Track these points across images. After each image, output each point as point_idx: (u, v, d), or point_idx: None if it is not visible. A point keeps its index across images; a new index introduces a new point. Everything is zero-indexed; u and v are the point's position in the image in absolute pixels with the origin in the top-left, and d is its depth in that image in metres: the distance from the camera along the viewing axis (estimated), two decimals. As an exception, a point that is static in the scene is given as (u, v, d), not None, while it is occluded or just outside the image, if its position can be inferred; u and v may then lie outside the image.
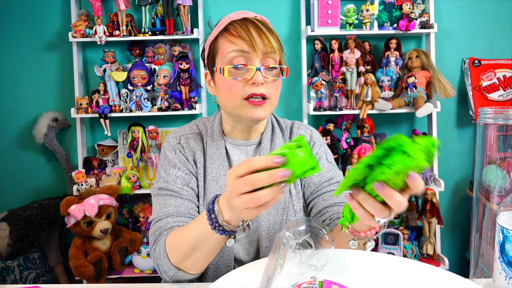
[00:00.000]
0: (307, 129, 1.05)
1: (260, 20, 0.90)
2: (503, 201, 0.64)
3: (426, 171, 2.09)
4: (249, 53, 0.86)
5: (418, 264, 0.71)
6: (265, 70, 0.87)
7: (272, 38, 0.87)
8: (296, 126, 1.04)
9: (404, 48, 2.18)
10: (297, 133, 1.02)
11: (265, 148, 0.97)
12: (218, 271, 0.92)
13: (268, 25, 0.90)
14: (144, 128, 2.12)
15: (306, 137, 1.02)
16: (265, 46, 0.86)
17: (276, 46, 0.88)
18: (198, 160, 0.96)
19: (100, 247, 1.98)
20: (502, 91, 2.19)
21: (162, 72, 2.07)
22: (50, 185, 2.34)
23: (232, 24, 0.88)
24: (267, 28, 0.89)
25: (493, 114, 0.73)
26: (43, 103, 2.28)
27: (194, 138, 0.99)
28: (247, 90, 0.86)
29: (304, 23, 2.19)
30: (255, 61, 0.86)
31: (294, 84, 2.29)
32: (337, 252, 0.77)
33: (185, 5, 2.05)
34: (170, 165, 0.95)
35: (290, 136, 1.02)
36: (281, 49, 0.91)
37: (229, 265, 0.93)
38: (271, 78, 0.87)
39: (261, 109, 0.88)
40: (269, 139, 0.99)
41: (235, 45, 0.86)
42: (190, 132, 1.01)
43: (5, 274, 1.87)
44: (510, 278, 0.61)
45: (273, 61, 0.88)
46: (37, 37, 2.27)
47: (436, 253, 2.07)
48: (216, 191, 0.93)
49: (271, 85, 0.88)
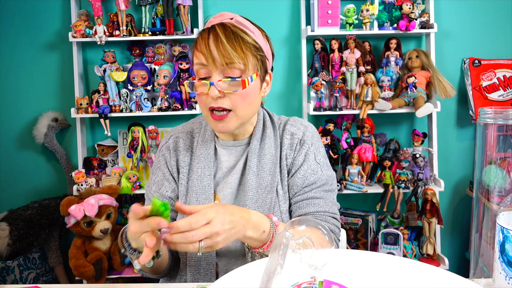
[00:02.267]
0: (301, 125, 1.01)
1: (227, 26, 0.86)
2: (503, 201, 0.64)
3: (426, 171, 2.09)
4: (208, 66, 0.86)
5: (418, 264, 0.71)
6: (223, 82, 0.85)
7: (232, 47, 0.84)
8: (290, 123, 1.01)
9: (404, 48, 2.18)
10: (289, 130, 0.99)
11: (254, 148, 0.96)
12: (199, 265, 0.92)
13: (236, 31, 0.86)
14: (144, 128, 2.12)
15: (298, 134, 0.98)
16: (221, 58, 0.84)
17: (236, 56, 0.84)
18: (182, 160, 0.97)
19: (100, 247, 1.98)
20: (502, 91, 2.19)
21: (162, 72, 2.07)
22: (50, 185, 2.34)
23: (200, 34, 0.89)
24: (230, 36, 0.85)
25: (493, 114, 0.73)
26: (43, 103, 2.28)
27: (183, 138, 1.00)
28: (208, 103, 0.87)
29: (304, 23, 2.19)
30: (214, 74, 0.86)
31: (294, 84, 2.29)
32: (337, 252, 0.77)
33: (185, 5, 2.05)
34: (154, 168, 1.02)
35: (282, 134, 0.99)
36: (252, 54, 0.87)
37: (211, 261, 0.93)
38: (227, 92, 0.86)
39: (222, 123, 0.88)
40: (258, 139, 0.97)
41: (197, 59, 0.87)
42: (182, 131, 1.02)
43: (5, 274, 1.87)
44: (510, 278, 0.61)
45: (238, 72, 0.86)
46: (37, 37, 2.27)
47: (436, 253, 2.07)
48: (199, 190, 0.93)
49: (233, 97, 0.86)
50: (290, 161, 0.97)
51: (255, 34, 0.89)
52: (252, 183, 0.93)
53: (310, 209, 0.94)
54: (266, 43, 0.93)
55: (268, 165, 0.95)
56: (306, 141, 0.98)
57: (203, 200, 0.92)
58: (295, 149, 0.98)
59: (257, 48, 0.88)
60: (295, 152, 0.97)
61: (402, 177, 2.07)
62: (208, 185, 0.94)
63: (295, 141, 0.98)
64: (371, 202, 2.31)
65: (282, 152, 0.97)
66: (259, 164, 0.95)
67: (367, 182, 2.14)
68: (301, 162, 0.96)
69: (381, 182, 2.13)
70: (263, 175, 0.94)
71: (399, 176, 2.08)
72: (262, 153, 0.96)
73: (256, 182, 0.93)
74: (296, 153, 0.97)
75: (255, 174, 0.94)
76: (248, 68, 0.87)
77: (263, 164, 0.95)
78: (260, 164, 0.95)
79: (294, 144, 0.98)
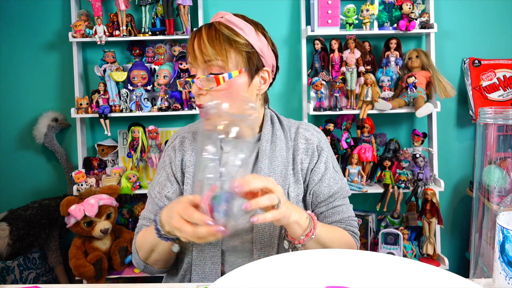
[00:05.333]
0: (315, 131, 1.02)
1: (213, 25, 0.88)
2: (503, 201, 0.64)
3: (426, 171, 2.09)
4: (192, 64, 0.90)
5: (418, 264, 0.71)
6: (201, 80, 0.88)
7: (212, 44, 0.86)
8: (303, 127, 1.01)
9: (404, 48, 2.18)
10: (303, 134, 0.99)
11: (264, 150, 0.96)
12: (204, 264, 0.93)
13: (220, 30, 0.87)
14: (144, 128, 2.12)
15: (314, 140, 0.99)
16: (202, 55, 0.87)
17: (213, 53, 0.85)
18: (188, 159, 0.98)
19: (100, 247, 1.98)
20: (502, 91, 2.19)
21: (162, 72, 2.07)
22: (50, 185, 2.34)
23: None
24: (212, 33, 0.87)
25: (493, 114, 0.73)
26: (43, 103, 2.28)
27: (189, 138, 1.01)
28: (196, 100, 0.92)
29: (304, 23, 2.19)
30: (198, 72, 0.90)
31: (294, 84, 2.29)
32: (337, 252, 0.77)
33: (185, 5, 2.05)
34: (159, 167, 1.03)
35: (295, 137, 0.99)
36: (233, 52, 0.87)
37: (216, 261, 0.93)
38: (206, 88, 0.88)
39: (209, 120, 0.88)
40: (268, 140, 0.97)
41: (187, 58, 0.92)
42: (188, 131, 1.02)
43: (5, 274, 1.87)
44: (510, 278, 0.61)
45: (218, 68, 0.87)
46: (37, 37, 2.27)
47: (436, 253, 2.07)
48: None
49: (215, 94, 0.88)
50: (306, 166, 0.98)
51: (244, 31, 0.89)
52: None
53: (336, 217, 0.98)
54: (260, 39, 0.92)
55: (280, 167, 0.95)
56: (324, 149, 1.00)
57: None
58: (312, 155, 0.98)
59: (242, 45, 0.88)
60: (313, 158, 0.98)
61: (402, 177, 2.07)
62: None
63: (311, 147, 0.99)
64: (371, 202, 2.31)
65: (297, 156, 0.97)
66: (270, 166, 0.95)
67: (367, 182, 2.14)
68: (323, 170, 0.98)
69: (381, 182, 2.13)
70: (274, 177, 0.94)
71: (399, 176, 2.08)
72: (273, 155, 0.96)
73: None
74: (315, 160, 0.98)
75: (266, 175, 0.94)
76: (227, 65, 0.87)
77: (275, 167, 0.95)
78: (271, 166, 0.95)
79: (309, 150, 0.98)
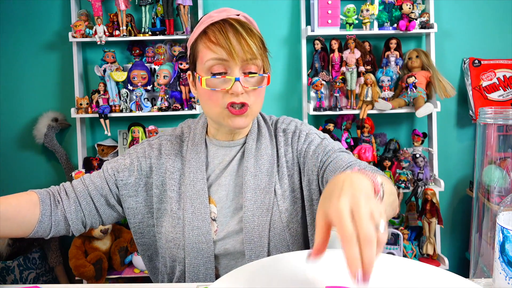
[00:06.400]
0: (291, 121, 1.00)
1: (241, 22, 0.85)
2: (503, 201, 0.64)
3: (426, 171, 2.09)
4: (228, 61, 0.82)
5: (418, 264, 0.71)
6: (245, 78, 0.84)
7: (253, 42, 0.83)
8: (280, 121, 1.00)
9: (404, 48, 2.19)
10: (281, 127, 0.98)
11: (250, 149, 0.95)
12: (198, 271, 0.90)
13: (250, 27, 0.85)
14: (144, 128, 2.12)
15: (290, 129, 0.97)
16: (244, 53, 0.81)
17: (257, 52, 0.83)
18: (172, 165, 0.94)
19: (100, 247, 1.98)
20: (502, 91, 2.20)
21: (162, 72, 2.07)
22: (50, 185, 2.30)
23: (211, 28, 0.84)
24: (248, 31, 0.84)
25: (493, 114, 0.73)
26: (43, 103, 2.28)
27: (172, 141, 0.97)
28: (227, 99, 0.84)
29: (304, 23, 2.19)
30: (235, 70, 0.82)
31: (294, 84, 2.29)
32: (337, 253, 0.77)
33: (185, 5, 2.05)
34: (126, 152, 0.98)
35: (275, 133, 0.98)
36: (264, 52, 0.87)
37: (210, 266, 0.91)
38: (251, 87, 0.84)
39: (241, 118, 0.86)
40: (254, 139, 0.96)
41: (214, 53, 0.82)
42: (172, 135, 0.99)
43: (5, 274, 1.87)
44: (510, 278, 0.61)
45: (255, 67, 0.85)
46: (37, 37, 2.27)
47: (436, 253, 2.07)
48: (193, 195, 0.90)
49: (252, 93, 0.85)
50: (290, 156, 0.96)
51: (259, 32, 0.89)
52: (250, 184, 0.91)
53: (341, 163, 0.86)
54: None
55: (266, 165, 0.94)
56: (302, 130, 0.97)
57: (198, 205, 0.90)
58: (291, 142, 0.96)
59: (264, 47, 0.88)
60: (294, 144, 0.96)
61: (402, 177, 2.07)
62: (202, 189, 0.91)
63: (289, 136, 0.97)
64: (371, 202, 2.30)
65: (279, 151, 0.96)
66: (256, 165, 0.93)
67: (367, 182, 2.14)
68: (307, 145, 0.94)
69: (381, 182, 2.13)
70: (261, 176, 0.92)
71: (399, 176, 2.08)
72: (259, 153, 0.95)
73: (254, 183, 0.92)
74: (295, 144, 0.96)
75: (252, 175, 0.92)
76: (266, 65, 0.88)
77: (261, 165, 0.93)
78: (257, 164, 0.93)
79: (288, 139, 0.97)
